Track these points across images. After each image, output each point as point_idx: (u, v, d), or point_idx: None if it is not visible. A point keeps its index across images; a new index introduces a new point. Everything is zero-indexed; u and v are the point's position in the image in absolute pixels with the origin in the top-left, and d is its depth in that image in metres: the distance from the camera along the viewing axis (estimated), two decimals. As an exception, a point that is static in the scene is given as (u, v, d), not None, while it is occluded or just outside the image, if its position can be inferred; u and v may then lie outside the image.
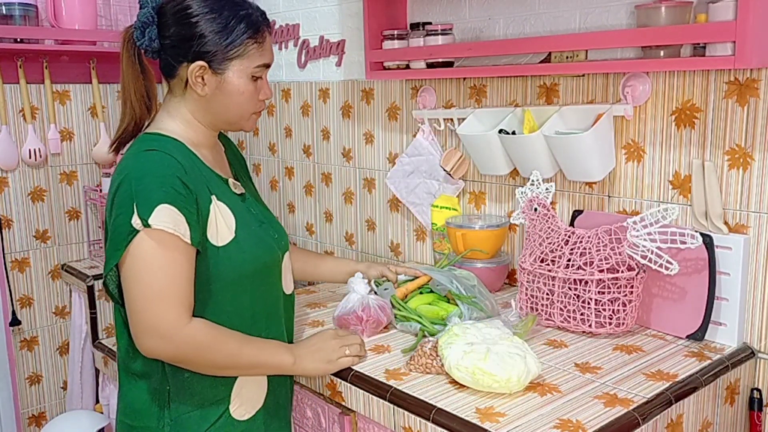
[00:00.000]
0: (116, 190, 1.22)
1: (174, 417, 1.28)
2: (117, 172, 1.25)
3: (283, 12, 2.55)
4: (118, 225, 1.19)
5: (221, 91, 1.29)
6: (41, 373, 2.68)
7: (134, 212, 1.17)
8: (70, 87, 2.64)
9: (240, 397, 1.32)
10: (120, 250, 1.18)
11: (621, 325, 1.49)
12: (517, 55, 1.73)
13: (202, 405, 1.29)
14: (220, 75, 1.28)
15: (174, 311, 1.19)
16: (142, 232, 1.17)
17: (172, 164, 1.23)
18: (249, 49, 1.28)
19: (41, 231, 2.62)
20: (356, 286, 1.54)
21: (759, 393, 1.49)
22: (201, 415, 1.29)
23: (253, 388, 1.34)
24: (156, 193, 1.19)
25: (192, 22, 1.26)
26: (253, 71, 1.30)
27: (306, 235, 2.65)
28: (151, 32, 1.27)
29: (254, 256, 1.31)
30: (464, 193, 2.03)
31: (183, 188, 1.21)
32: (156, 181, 1.20)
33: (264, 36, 1.31)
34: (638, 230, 1.45)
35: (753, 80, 1.42)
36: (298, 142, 2.60)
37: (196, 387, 1.28)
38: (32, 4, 2.40)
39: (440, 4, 1.99)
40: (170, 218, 1.18)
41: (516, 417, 1.17)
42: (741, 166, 1.46)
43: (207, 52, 1.26)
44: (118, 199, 1.21)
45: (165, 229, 1.18)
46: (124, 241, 1.18)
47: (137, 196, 1.18)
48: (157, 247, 1.18)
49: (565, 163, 1.66)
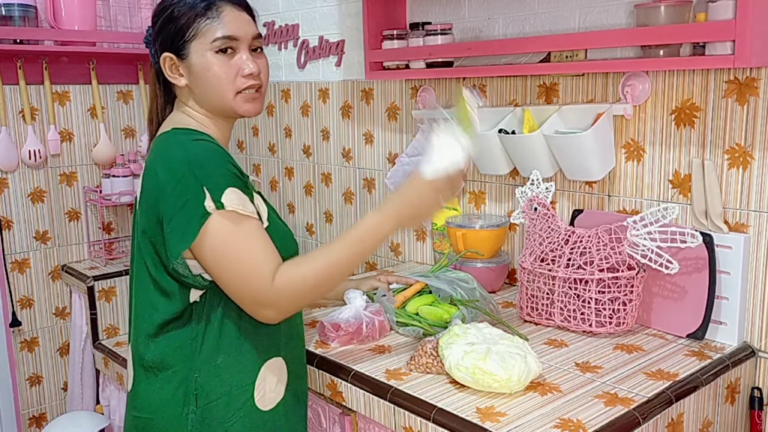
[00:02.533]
0: (171, 177, 1.22)
1: (201, 404, 1.28)
2: (162, 159, 1.26)
3: (282, 12, 2.55)
4: (190, 208, 1.19)
5: (193, 75, 1.31)
6: (42, 374, 2.68)
7: (206, 196, 1.19)
8: (69, 88, 2.64)
9: (263, 387, 1.32)
10: (193, 234, 1.19)
11: (621, 325, 1.49)
12: (517, 55, 1.73)
13: (229, 391, 1.29)
14: (186, 60, 1.31)
15: (261, 280, 1.20)
16: (215, 214, 1.19)
17: (223, 152, 1.28)
18: (201, 26, 1.29)
19: (41, 232, 2.62)
20: (354, 301, 1.54)
21: (759, 392, 1.49)
22: (227, 401, 1.29)
23: (274, 378, 1.34)
24: (222, 178, 1.22)
25: (155, 22, 1.34)
26: (212, 46, 1.30)
27: (306, 235, 2.65)
28: (152, 51, 1.36)
29: (283, 246, 1.31)
30: (464, 193, 2.04)
31: (238, 172, 1.26)
32: (218, 167, 1.23)
33: (218, 11, 1.31)
34: (638, 229, 1.45)
35: (752, 79, 1.42)
36: (298, 143, 2.60)
37: (225, 373, 1.29)
38: (32, 5, 2.40)
39: (439, 4, 1.99)
40: (240, 200, 1.22)
41: (516, 417, 1.17)
42: (741, 165, 1.46)
43: (167, 42, 1.31)
44: (181, 185, 1.21)
45: (237, 210, 1.21)
46: (197, 224, 1.19)
47: (205, 181, 1.20)
48: (233, 225, 1.20)
49: (565, 162, 1.66)
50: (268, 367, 1.33)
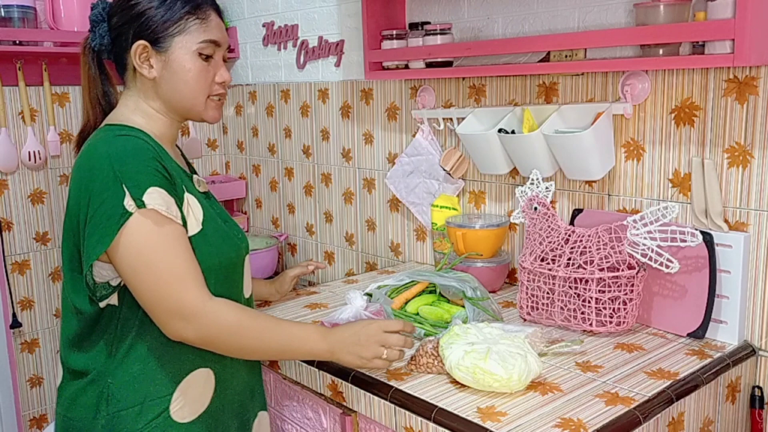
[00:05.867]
0: (91, 175, 1.16)
1: (111, 412, 1.24)
2: (86, 157, 1.20)
3: (281, 13, 2.55)
4: (107, 208, 1.14)
5: (168, 70, 1.27)
6: (42, 376, 2.68)
7: (126, 194, 1.14)
8: (69, 89, 2.64)
9: (184, 397, 1.27)
10: (111, 235, 1.13)
11: (622, 324, 1.49)
12: (516, 55, 1.73)
13: (142, 401, 1.25)
14: (164, 54, 1.27)
15: (192, 290, 1.17)
16: (136, 214, 1.14)
17: (150, 149, 1.22)
18: (190, 25, 1.27)
19: (41, 233, 2.62)
20: (354, 301, 1.54)
21: (760, 391, 1.49)
22: (139, 410, 1.24)
23: (198, 389, 1.29)
24: (144, 176, 1.16)
25: (132, 4, 1.27)
26: (198, 47, 1.27)
27: (306, 235, 2.65)
28: (101, 29, 1.29)
29: (220, 251, 1.29)
30: (464, 193, 2.03)
31: (165, 172, 1.20)
32: (141, 164, 1.17)
33: (207, 14, 1.29)
34: (638, 229, 1.45)
35: (752, 78, 1.42)
36: (298, 143, 2.60)
37: (141, 383, 1.25)
38: (31, 6, 2.39)
39: (439, 4, 1.99)
40: (163, 200, 1.17)
41: (517, 416, 1.17)
42: (740, 163, 1.46)
43: (146, 30, 1.26)
44: (98, 183, 1.15)
45: (159, 210, 1.15)
46: (116, 224, 1.13)
47: (125, 179, 1.15)
48: (155, 227, 1.15)
49: (565, 161, 1.66)
50: (190, 379, 1.28)
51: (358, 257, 2.43)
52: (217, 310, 1.19)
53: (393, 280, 1.70)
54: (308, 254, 2.65)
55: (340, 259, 2.52)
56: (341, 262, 2.51)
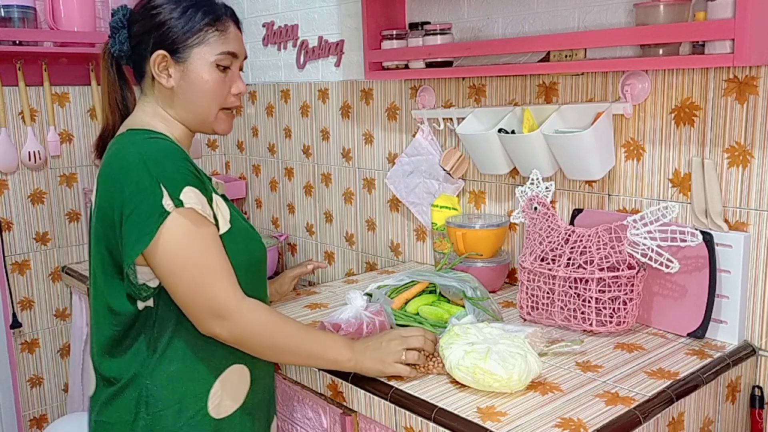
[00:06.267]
0: (125, 177, 1.17)
1: (152, 412, 1.25)
2: (117, 159, 1.21)
3: (281, 13, 2.55)
4: (145, 207, 1.15)
5: (186, 80, 1.29)
6: (42, 376, 2.68)
7: (163, 193, 1.15)
8: (69, 89, 2.64)
9: (220, 393, 1.29)
10: (150, 234, 1.15)
11: (622, 324, 1.49)
12: (516, 54, 1.73)
13: (181, 400, 1.26)
14: (182, 64, 1.28)
15: (228, 289, 1.18)
16: (174, 213, 1.15)
17: (181, 150, 1.24)
18: (209, 36, 1.28)
19: (41, 233, 2.62)
20: (354, 301, 1.54)
21: (760, 390, 1.49)
22: (178, 410, 1.26)
23: (234, 383, 1.31)
24: (180, 175, 1.18)
25: (153, 14, 1.28)
26: (216, 59, 1.29)
27: (306, 235, 2.65)
28: (121, 36, 1.31)
29: (248, 248, 1.30)
30: (464, 193, 2.03)
31: (196, 172, 1.23)
32: (175, 164, 1.19)
33: (226, 25, 1.31)
34: (638, 228, 1.45)
35: (752, 78, 1.42)
36: (298, 143, 2.60)
37: (180, 381, 1.26)
38: (31, 6, 2.40)
39: (439, 4, 1.99)
40: (198, 199, 1.19)
41: (517, 416, 1.17)
42: (740, 163, 1.46)
43: (166, 40, 1.27)
44: (133, 184, 1.16)
45: (196, 209, 1.17)
46: (155, 223, 1.15)
47: (162, 178, 1.16)
48: (192, 226, 1.17)
49: (565, 161, 1.66)
50: (227, 374, 1.30)
51: (358, 257, 2.43)
52: (251, 310, 1.21)
53: (393, 280, 1.70)
54: (308, 254, 2.65)
55: (340, 259, 2.52)
56: (341, 262, 2.51)
